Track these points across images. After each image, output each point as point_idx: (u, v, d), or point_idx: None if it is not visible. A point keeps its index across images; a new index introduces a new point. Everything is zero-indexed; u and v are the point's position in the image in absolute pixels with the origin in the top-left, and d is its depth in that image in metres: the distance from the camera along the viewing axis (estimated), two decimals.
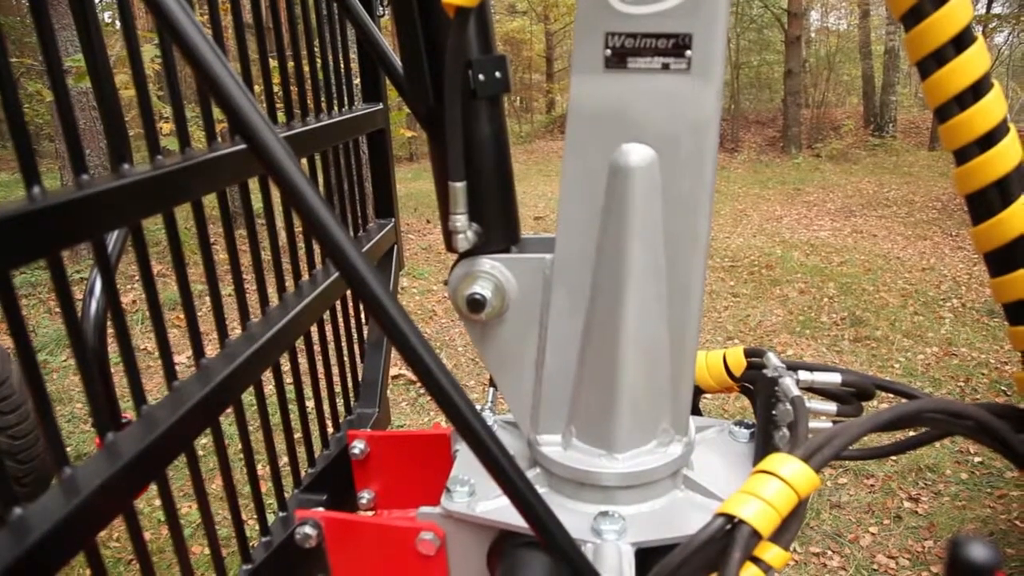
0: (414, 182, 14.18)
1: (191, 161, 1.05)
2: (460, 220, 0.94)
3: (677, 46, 0.86)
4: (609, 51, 0.87)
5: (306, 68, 1.51)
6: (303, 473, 1.51)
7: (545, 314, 1.01)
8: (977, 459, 4.29)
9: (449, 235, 0.97)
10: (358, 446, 1.38)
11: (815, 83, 23.03)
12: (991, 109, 0.88)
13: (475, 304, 0.98)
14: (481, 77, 0.92)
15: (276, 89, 1.41)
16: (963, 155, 0.90)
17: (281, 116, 1.50)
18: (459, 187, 0.92)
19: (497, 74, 0.93)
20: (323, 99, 1.59)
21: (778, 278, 7.79)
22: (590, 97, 0.89)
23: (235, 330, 1.24)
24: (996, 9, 22.60)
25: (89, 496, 0.79)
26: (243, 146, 1.16)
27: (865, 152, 17.11)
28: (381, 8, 1.76)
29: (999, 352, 5.71)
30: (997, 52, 25.81)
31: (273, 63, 1.38)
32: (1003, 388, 5.15)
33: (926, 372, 5.47)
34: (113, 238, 1.06)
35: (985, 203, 0.91)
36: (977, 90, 0.88)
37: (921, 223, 10.35)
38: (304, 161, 1.47)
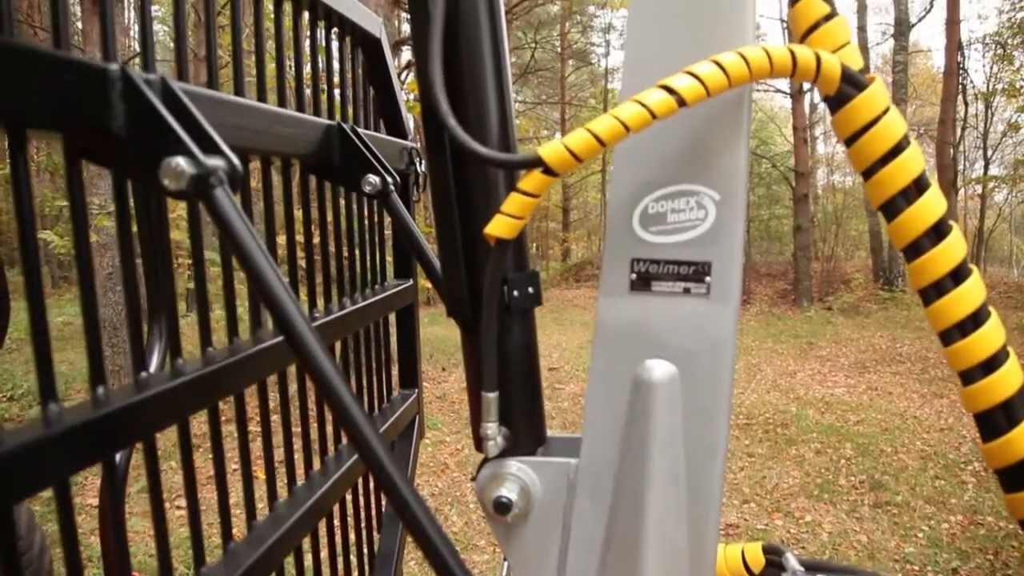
0: (431, 327, 14.33)
1: (239, 355, 1.11)
2: (491, 428, 0.99)
3: (697, 273, 0.94)
4: (634, 275, 0.95)
5: (343, 247, 1.62)
6: None
7: (568, 516, 1.04)
8: None
9: (480, 440, 1.02)
10: None
11: (824, 237, 23.60)
12: (991, 336, 0.94)
13: (502, 507, 1.01)
14: (516, 293, 0.99)
15: (306, 254, 1.51)
16: (968, 377, 0.96)
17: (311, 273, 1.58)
18: (491, 397, 0.98)
19: (530, 289, 1.01)
20: (358, 282, 1.69)
21: (793, 437, 7.69)
22: (616, 316, 0.97)
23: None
24: (993, 170, 23.50)
25: None
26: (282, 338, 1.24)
27: (876, 306, 17.26)
28: (417, 193, 1.89)
29: None
30: (998, 210, 26.54)
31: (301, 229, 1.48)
32: None
33: (952, 543, 5.28)
34: None
35: (992, 423, 0.96)
36: (977, 318, 0.94)
37: (936, 380, 10.29)
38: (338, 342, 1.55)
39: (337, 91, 1.62)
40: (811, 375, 10.90)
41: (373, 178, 1.33)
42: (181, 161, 0.75)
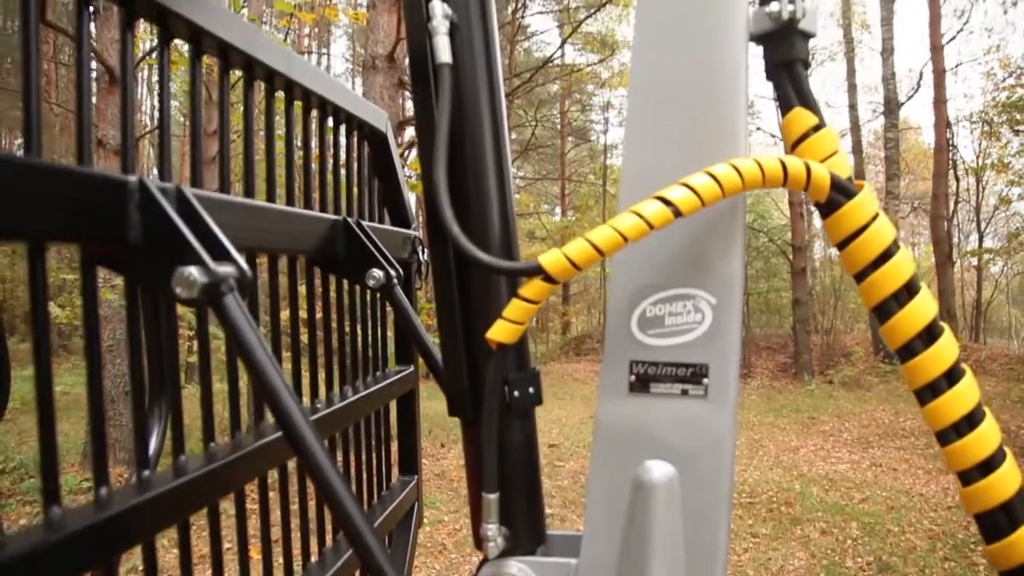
0: (429, 401, 14.14)
1: (241, 451, 1.12)
2: (492, 529, 0.99)
3: (695, 375, 0.95)
4: (633, 377, 0.96)
5: (346, 334, 1.64)
6: None
7: None
8: None
9: (480, 540, 1.02)
10: None
11: (822, 310, 23.61)
12: (987, 437, 0.96)
13: None
14: (516, 394, 1.01)
15: (309, 344, 1.53)
16: (967, 478, 0.97)
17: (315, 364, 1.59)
18: (492, 499, 0.98)
19: (530, 389, 1.02)
20: (360, 369, 1.70)
21: (798, 516, 7.55)
22: (616, 417, 0.98)
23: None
24: (987, 243, 23.79)
25: None
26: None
27: (877, 378, 17.14)
28: (419, 281, 1.92)
29: None
30: (995, 282, 26.70)
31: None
32: None
33: None
34: None
35: (994, 525, 0.96)
36: (972, 419, 0.96)
37: (940, 455, 10.14)
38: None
39: (343, 170, 1.67)
40: (814, 451, 10.76)
41: (377, 272, 1.36)
42: (194, 271, 0.77)
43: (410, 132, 12.96)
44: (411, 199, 2.12)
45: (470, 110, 1.04)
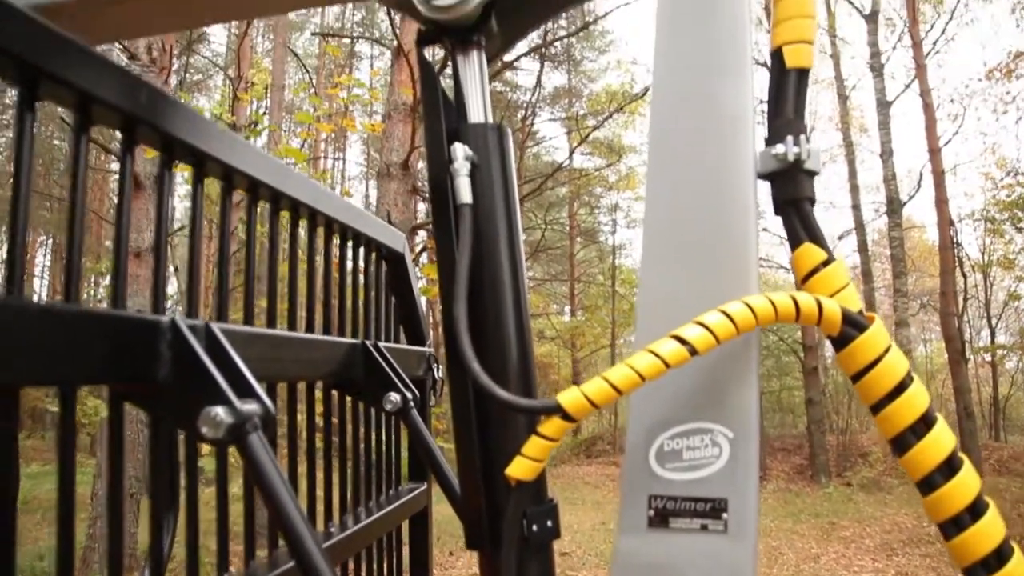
0: (437, 504, 13.87)
1: None
2: None
3: (714, 509, 0.95)
4: (652, 512, 0.96)
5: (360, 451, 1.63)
6: None
7: None
8: None
9: None
10: None
11: (836, 409, 23.26)
12: (1018, 574, 0.94)
13: None
14: (534, 528, 1.00)
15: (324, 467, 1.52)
16: None
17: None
18: None
19: (549, 523, 1.02)
20: (373, 489, 1.69)
21: None
22: (635, 552, 0.97)
23: None
24: (1000, 339, 23.61)
25: None
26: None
27: (897, 480, 16.67)
28: (434, 398, 1.93)
29: None
30: (1010, 378, 26.29)
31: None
32: None
33: None
34: None
35: None
36: (1001, 555, 0.94)
37: None
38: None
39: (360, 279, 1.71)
40: (836, 559, 10.37)
41: (394, 396, 1.38)
42: (220, 411, 0.79)
43: (421, 236, 13.21)
44: (423, 303, 2.16)
45: (489, 247, 1.07)
